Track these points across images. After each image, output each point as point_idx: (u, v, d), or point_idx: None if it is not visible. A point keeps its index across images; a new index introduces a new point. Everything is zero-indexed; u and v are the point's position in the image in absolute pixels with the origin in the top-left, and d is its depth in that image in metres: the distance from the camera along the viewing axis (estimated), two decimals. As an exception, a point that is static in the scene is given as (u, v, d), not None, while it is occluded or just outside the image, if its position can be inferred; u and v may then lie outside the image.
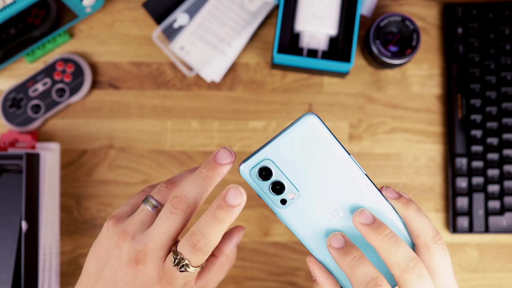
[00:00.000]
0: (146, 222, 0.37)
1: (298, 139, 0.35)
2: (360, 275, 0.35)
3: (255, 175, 0.36)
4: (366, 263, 0.35)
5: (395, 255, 0.34)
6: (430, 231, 0.36)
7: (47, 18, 0.61)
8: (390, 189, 0.37)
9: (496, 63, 0.65)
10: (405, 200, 0.37)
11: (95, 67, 0.66)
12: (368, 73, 0.67)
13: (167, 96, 0.66)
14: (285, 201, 0.36)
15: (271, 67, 0.66)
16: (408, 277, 0.34)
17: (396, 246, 0.35)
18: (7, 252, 0.58)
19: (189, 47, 0.66)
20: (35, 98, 0.64)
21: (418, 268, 0.34)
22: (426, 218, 0.37)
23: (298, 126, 0.35)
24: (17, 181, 0.60)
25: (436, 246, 0.36)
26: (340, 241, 0.36)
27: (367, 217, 0.36)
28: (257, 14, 0.66)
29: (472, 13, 0.65)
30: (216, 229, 0.33)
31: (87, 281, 0.38)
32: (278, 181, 0.36)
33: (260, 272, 0.65)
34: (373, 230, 0.35)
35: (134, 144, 0.66)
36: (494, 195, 0.64)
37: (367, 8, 0.65)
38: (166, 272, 0.35)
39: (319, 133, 0.35)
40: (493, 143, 0.64)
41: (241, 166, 0.36)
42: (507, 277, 0.65)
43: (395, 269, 0.34)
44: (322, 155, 0.35)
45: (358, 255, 0.35)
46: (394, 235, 0.35)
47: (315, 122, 0.35)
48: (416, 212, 0.36)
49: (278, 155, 0.35)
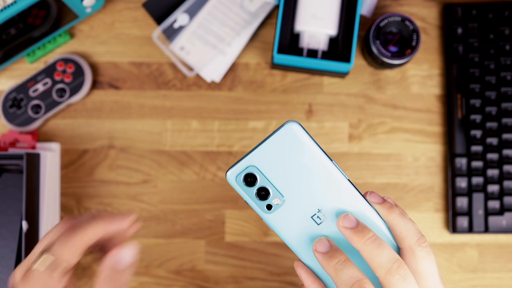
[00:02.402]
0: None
1: (281, 146, 0.36)
2: (344, 277, 0.35)
3: (241, 182, 0.37)
4: (350, 266, 0.36)
5: (378, 258, 0.35)
6: (414, 235, 0.36)
7: (47, 18, 0.61)
8: (374, 194, 0.38)
9: (496, 63, 0.65)
10: (388, 204, 0.37)
11: (96, 67, 0.67)
12: (368, 73, 0.67)
13: (167, 96, 0.66)
14: (270, 207, 0.37)
15: (271, 67, 0.66)
16: (391, 279, 0.35)
17: (379, 249, 0.35)
18: (7, 252, 0.58)
19: (189, 47, 0.66)
20: (36, 98, 0.65)
21: (401, 269, 0.35)
22: (410, 222, 0.37)
23: (280, 134, 0.36)
24: (18, 181, 0.60)
25: (420, 249, 0.36)
26: (325, 245, 0.37)
27: (350, 221, 0.36)
28: (257, 14, 0.66)
29: (472, 13, 0.65)
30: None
31: None
32: (263, 187, 0.37)
33: (260, 272, 0.65)
34: (357, 233, 0.36)
35: (134, 144, 0.66)
36: (494, 195, 0.64)
37: (367, 8, 0.65)
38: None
39: (301, 140, 0.36)
40: (492, 143, 0.64)
41: (227, 173, 0.37)
42: (507, 277, 0.65)
43: (379, 271, 0.35)
44: (305, 161, 0.36)
45: (342, 258, 0.36)
46: (377, 238, 0.36)
47: (296, 129, 0.36)
48: (400, 216, 0.37)
49: (262, 162, 0.36)
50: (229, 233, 0.65)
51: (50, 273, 0.36)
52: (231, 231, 0.65)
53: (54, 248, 0.37)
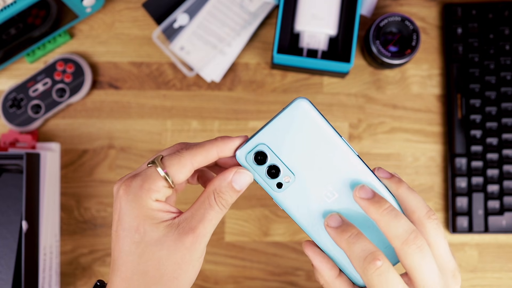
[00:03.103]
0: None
1: (290, 123, 0.36)
2: (357, 250, 0.35)
3: (251, 160, 0.37)
4: (363, 239, 0.36)
5: (395, 228, 0.35)
6: (424, 208, 0.37)
7: (47, 18, 0.61)
8: (382, 169, 0.38)
9: (496, 63, 0.65)
10: (397, 179, 0.38)
11: (95, 67, 0.67)
12: (368, 73, 0.67)
13: (167, 96, 0.66)
14: (281, 185, 0.37)
15: (271, 67, 0.66)
16: (408, 249, 0.35)
17: (396, 219, 0.35)
18: (7, 252, 0.58)
19: (189, 47, 0.66)
20: (36, 98, 0.65)
21: (418, 240, 0.35)
22: (418, 195, 0.37)
23: (289, 111, 0.36)
24: (18, 181, 0.60)
25: (430, 221, 0.36)
26: (337, 220, 0.37)
27: (367, 192, 0.36)
28: (257, 14, 0.66)
29: (472, 13, 0.65)
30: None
31: None
32: (274, 165, 0.37)
33: (260, 272, 0.65)
34: (373, 204, 0.36)
35: (134, 144, 0.66)
36: (494, 195, 0.64)
37: (367, 8, 0.65)
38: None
39: (310, 116, 0.36)
40: (492, 143, 0.64)
41: (237, 152, 0.37)
42: (507, 277, 0.65)
43: (396, 242, 0.35)
44: (315, 138, 0.36)
45: (355, 232, 0.36)
46: (393, 208, 0.36)
47: (306, 106, 0.36)
48: (409, 190, 0.37)
49: (272, 140, 0.36)
50: (229, 233, 0.65)
51: (154, 175, 0.35)
52: (231, 231, 0.65)
53: (163, 159, 0.36)
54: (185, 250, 0.35)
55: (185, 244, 0.35)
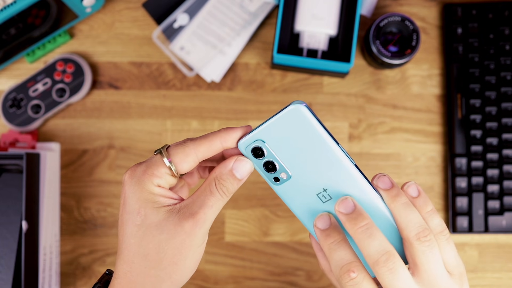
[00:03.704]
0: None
1: (287, 126, 0.36)
2: (336, 258, 0.36)
3: (250, 153, 0.37)
4: (344, 247, 0.36)
5: (367, 248, 0.35)
6: (414, 227, 0.36)
7: (47, 18, 0.61)
8: (382, 178, 0.37)
9: (496, 63, 0.65)
10: (394, 192, 0.37)
11: (95, 67, 0.67)
12: (368, 73, 0.67)
13: (167, 96, 0.66)
14: (278, 179, 0.38)
15: (271, 67, 0.66)
16: (379, 270, 0.35)
17: (369, 239, 0.35)
18: (7, 252, 0.58)
19: (189, 47, 0.66)
20: (36, 98, 0.65)
21: (389, 262, 0.35)
22: (413, 213, 0.36)
23: (285, 115, 0.36)
24: (18, 181, 0.60)
25: (419, 243, 0.36)
26: (325, 222, 0.37)
27: (346, 206, 0.36)
28: (257, 14, 0.66)
29: (472, 13, 0.65)
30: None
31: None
32: (270, 161, 0.37)
33: (260, 272, 0.65)
34: (349, 220, 0.36)
35: (134, 144, 0.66)
36: (494, 195, 0.64)
37: (367, 8, 0.65)
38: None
39: (307, 122, 0.36)
40: (492, 143, 0.64)
41: (239, 142, 0.37)
42: (507, 277, 0.65)
43: (368, 260, 0.35)
44: (311, 143, 0.36)
45: (338, 238, 0.36)
46: (370, 227, 0.35)
47: (303, 111, 0.35)
48: (403, 206, 0.36)
49: (269, 138, 0.37)
50: (229, 233, 0.65)
51: (159, 162, 0.37)
52: (231, 231, 0.65)
53: (168, 149, 0.37)
54: (184, 235, 0.36)
55: (184, 228, 0.36)
